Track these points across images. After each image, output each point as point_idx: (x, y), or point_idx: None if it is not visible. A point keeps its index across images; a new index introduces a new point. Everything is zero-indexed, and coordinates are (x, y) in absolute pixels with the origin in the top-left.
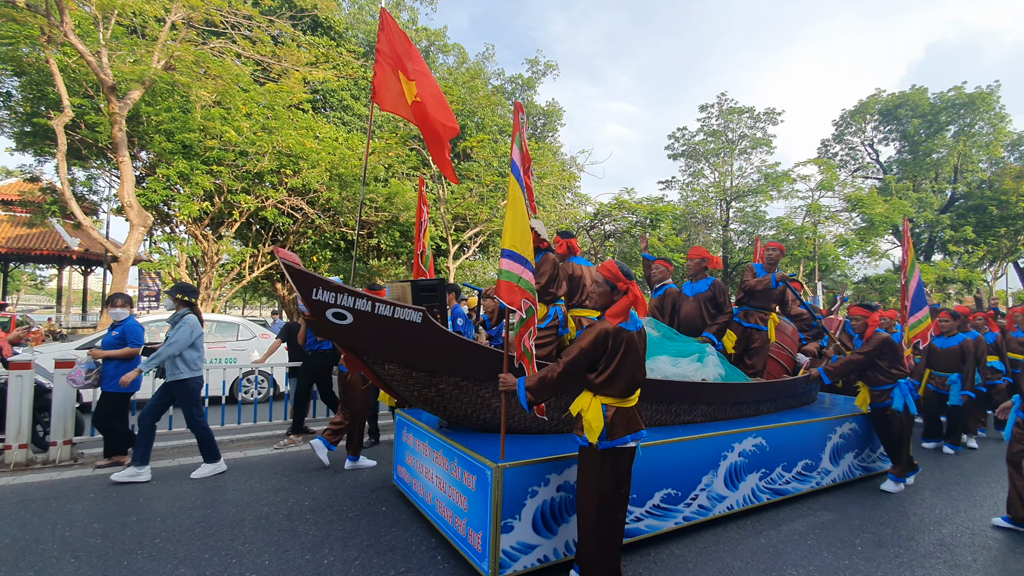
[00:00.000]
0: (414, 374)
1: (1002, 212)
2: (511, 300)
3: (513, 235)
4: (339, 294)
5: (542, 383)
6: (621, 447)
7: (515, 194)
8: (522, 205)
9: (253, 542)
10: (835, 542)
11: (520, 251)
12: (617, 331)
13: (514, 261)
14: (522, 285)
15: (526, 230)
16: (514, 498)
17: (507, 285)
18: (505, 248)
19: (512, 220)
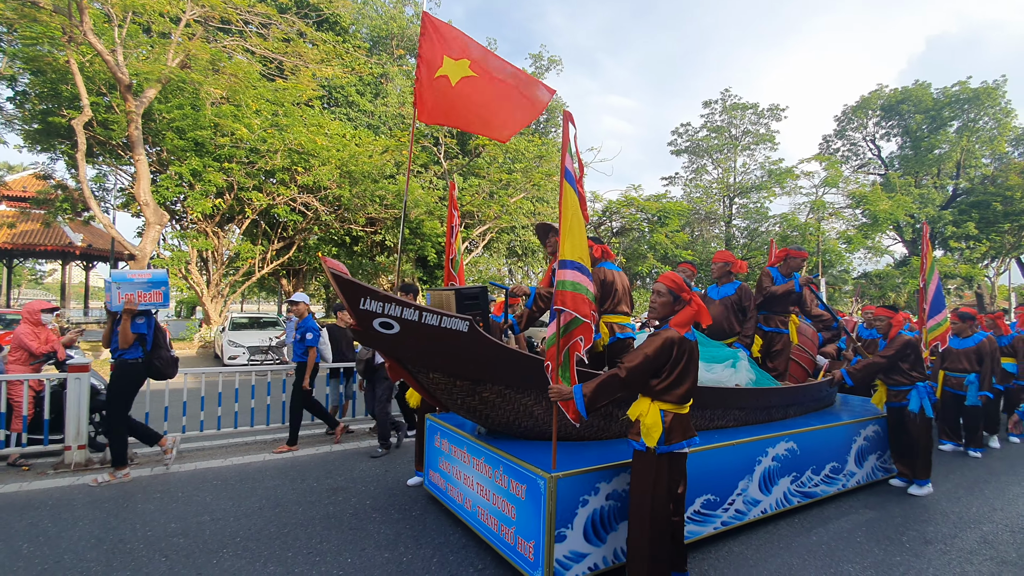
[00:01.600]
0: (458, 383)
1: (1006, 208)
2: (580, 311)
3: (573, 245)
4: (387, 304)
5: (602, 389)
6: (678, 452)
7: (572, 203)
8: (579, 214)
9: (330, 540)
10: (883, 539)
11: (583, 262)
12: (682, 340)
13: (579, 272)
14: (590, 296)
15: (584, 240)
16: (567, 508)
17: (574, 296)
18: (567, 259)
19: (570, 230)
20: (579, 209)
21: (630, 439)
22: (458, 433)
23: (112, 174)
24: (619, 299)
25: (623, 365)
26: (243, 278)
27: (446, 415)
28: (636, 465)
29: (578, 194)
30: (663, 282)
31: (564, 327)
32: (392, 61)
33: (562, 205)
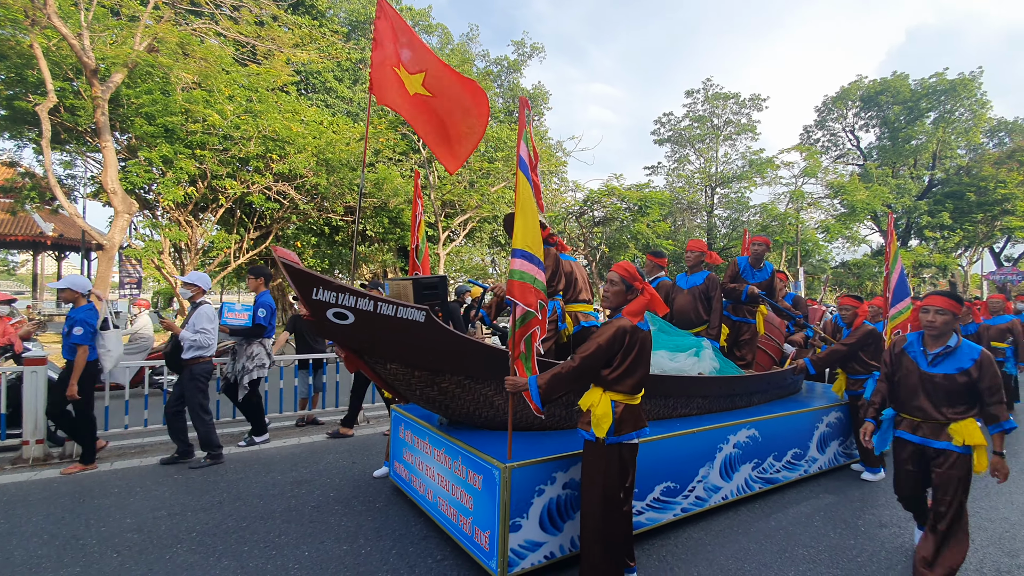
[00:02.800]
0: (417, 373)
1: (979, 198)
2: (526, 300)
3: (525, 235)
4: (341, 294)
5: (555, 380)
6: (627, 442)
7: (525, 193)
8: (533, 204)
9: (288, 534)
10: (839, 523)
11: (533, 251)
12: (635, 329)
13: (528, 261)
14: (537, 286)
15: (537, 229)
16: (522, 497)
17: (521, 285)
18: (517, 248)
19: (523, 219)
20: (532, 198)
21: (580, 429)
22: (421, 424)
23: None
24: (580, 289)
25: (577, 354)
26: (219, 268)
27: (411, 406)
28: (587, 456)
29: (531, 182)
30: (616, 271)
31: (520, 319)
32: (371, 46)
33: (516, 194)
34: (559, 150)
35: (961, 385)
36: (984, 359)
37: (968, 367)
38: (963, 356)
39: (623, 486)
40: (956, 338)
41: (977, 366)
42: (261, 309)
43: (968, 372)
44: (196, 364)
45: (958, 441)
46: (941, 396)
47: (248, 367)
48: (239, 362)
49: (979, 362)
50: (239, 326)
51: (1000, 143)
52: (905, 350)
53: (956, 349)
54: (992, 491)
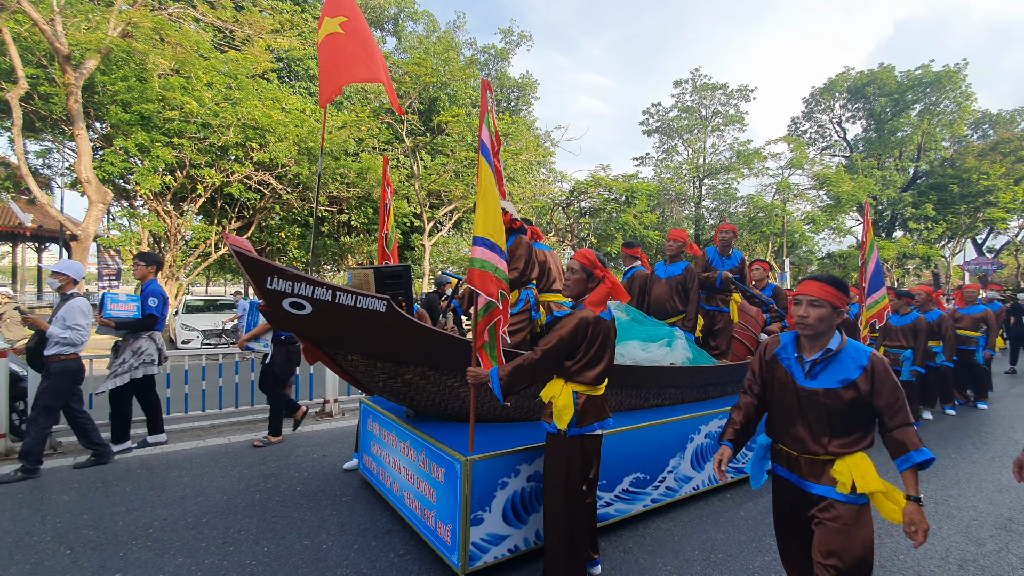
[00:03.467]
0: (379, 364)
1: (963, 190)
2: (486, 290)
3: (486, 222)
4: (297, 283)
5: (517, 372)
6: (590, 434)
7: (486, 179)
8: (494, 190)
9: (249, 529)
10: None
11: (494, 239)
12: (596, 320)
13: (488, 249)
14: (499, 275)
15: (499, 216)
16: (484, 490)
17: (481, 274)
18: (478, 236)
19: (484, 206)
20: (494, 184)
21: (543, 421)
22: (387, 416)
23: (57, 150)
24: (553, 278)
25: (538, 346)
26: (199, 259)
27: (379, 399)
28: (549, 448)
29: (493, 168)
30: (576, 259)
31: (482, 309)
32: None
33: (478, 179)
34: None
35: (848, 404)
36: (877, 365)
37: (855, 378)
38: (848, 363)
39: (586, 478)
40: (839, 338)
41: (867, 376)
42: (151, 298)
43: (856, 385)
44: (57, 361)
45: (844, 485)
46: (822, 420)
47: (132, 363)
48: (120, 357)
49: (869, 370)
50: (127, 318)
51: (984, 135)
52: (777, 356)
53: (839, 353)
54: (961, 478)
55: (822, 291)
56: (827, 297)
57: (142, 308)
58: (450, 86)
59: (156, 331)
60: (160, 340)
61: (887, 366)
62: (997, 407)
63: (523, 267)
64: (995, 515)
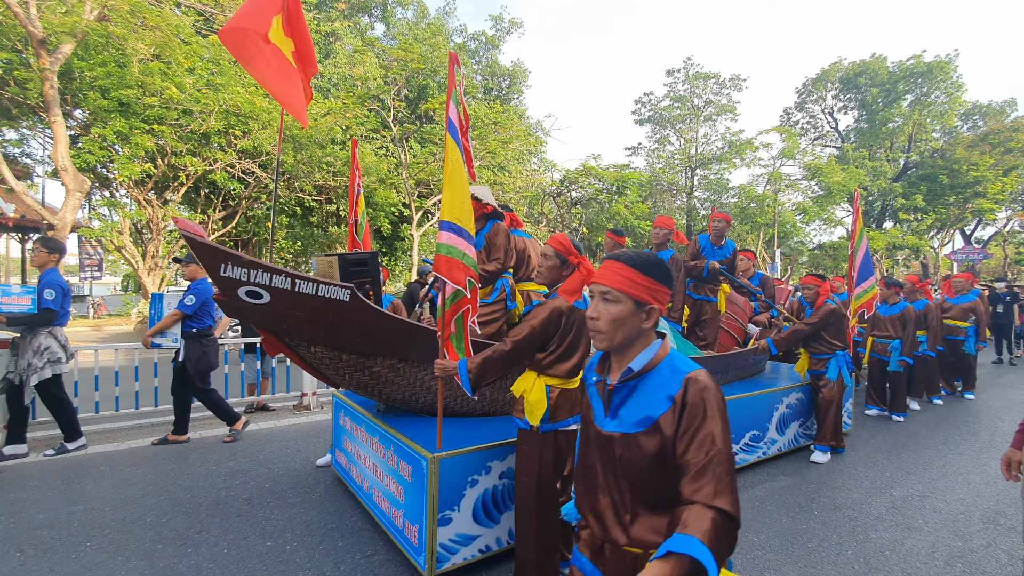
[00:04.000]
0: (344, 357)
1: (952, 181)
2: (453, 277)
3: (453, 205)
4: (253, 270)
5: (486, 364)
6: (564, 430)
7: (454, 159)
8: (462, 172)
9: (210, 529)
10: (793, 507)
11: (462, 224)
12: (571, 310)
13: (455, 235)
14: (466, 262)
15: (467, 200)
16: (452, 489)
17: (448, 261)
18: (445, 220)
19: (452, 189)
20: (462, 165)
21: (514, 416)
22: (358, 411)
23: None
24: (533, 267)
25: (509, 337)
26: (183, 249)
27: (351, 392)
28: (521, 444)
29: (461, 148)
30: (550, 244)
31: (449, 298)
32: (341, 17)
33: (445, 159)
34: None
35: (652, 459)
36: (691, 394)
37: (658, 415)
38: (655, 391)
39: (560, 475)
40: (652, 350)
41: (675, 410)
42: (48, 290)
43: (658, 427)
44: None
45: None
46: (622, 485)
47: (36, 364)
48: (23, 359)
49: (679, 401)
50: (19, 313)
51: (974, 126)
52: (583, 381)
53: (645, 376)
54: (949, 470)
55: (619, 278)
56: (627, 288)
57: (38, 301)
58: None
59: (58, 326)
60: (62, 335)
61: (710, 395)
62: (983, 397)
63: (504, 257)
64: (982, 508)
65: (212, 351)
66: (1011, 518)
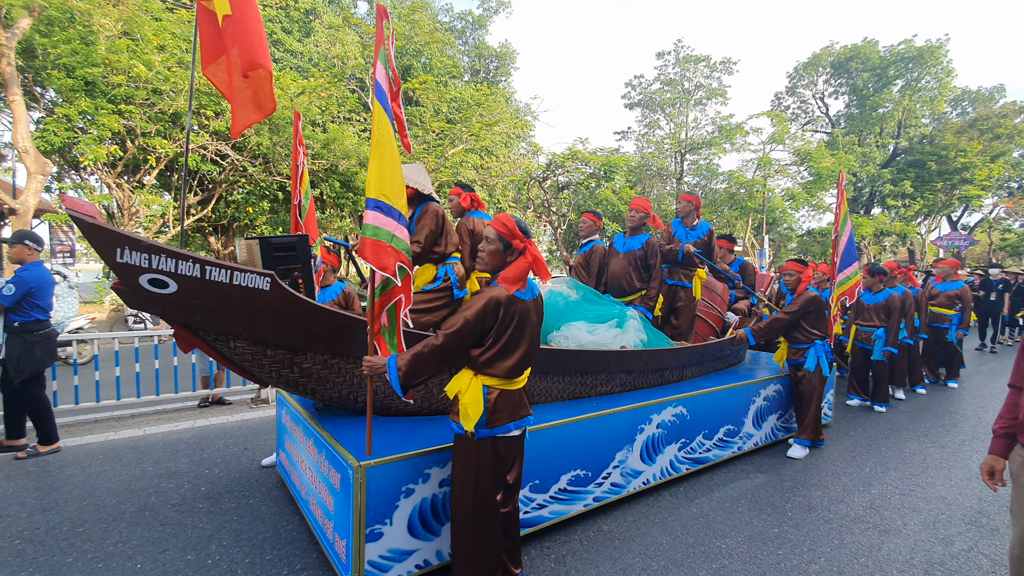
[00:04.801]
0: (269, 352)
1: (940, 167)
2: (380, 263)
3: (381, 181)
4: (155, 255)
5: (417, 361)
6: (503, 436)
7: (382, 127)
8: (392, 142)
9: (129, 540)
10: (766, 507)
11: (391, 201)
12: (511, 301)
13: (383, 214)
14: (395, 245)
15: (398, 174)
16: (383, 500)
17: (374, 244)
18: (371, 197)
19: (380, 162)
20: (392, 134)
21: (450, 420)
22: (296, 409)
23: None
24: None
25: (440, 330)
26: (157, 235)
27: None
28: (456, 451)
29: (390, 114)
30: (492, 226)
31: (379, 286)
32: None
33: (372, 128)
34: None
35: None
36: None
37: None
38: None
39: (501, 485)
40: None
41: None
42: (8, 285)
43: None
44: None
45: None
46: None
47: None
48: None
49: None
50: None
51: (963, 112)
52: None
53: None
54: (930, 464)
55: None
56: None
57: None
58: (424, 54)
59: None
60: None
61: None
62: (967, 385)
63: (425, 239)
64: (964, 508)
65: (42, 348)
66: (993, 518)
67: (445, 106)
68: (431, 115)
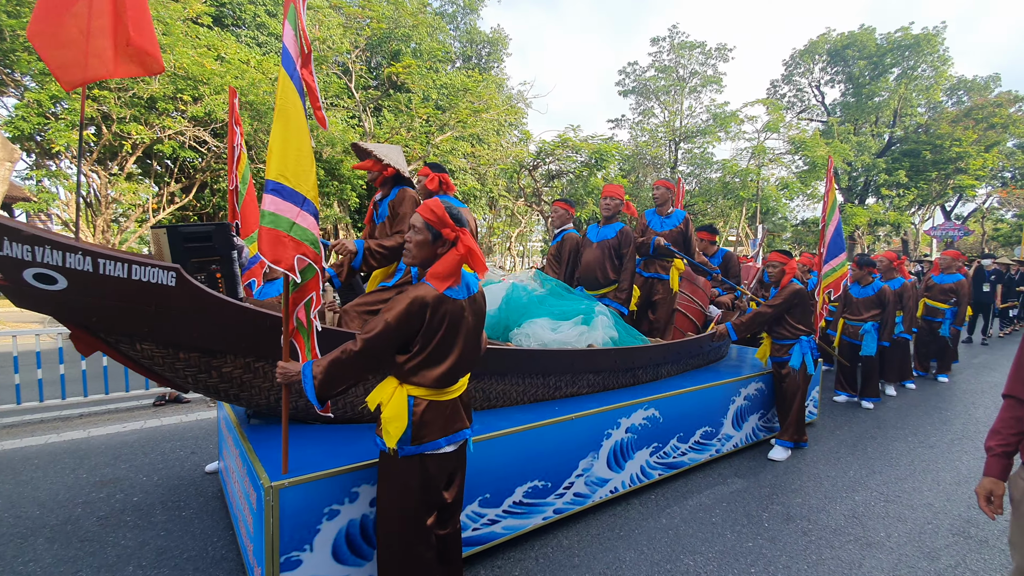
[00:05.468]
0: (182, 355)
1: (935, 156)
2: (274, 256)
3: (283, 159)
4: (39, 247)
5: (333, 369)
6: (433, 453)
7: (286, 96)
8: (298, 115)
9: (42, 559)
10: (741, 517)
11: (293, 184)
12: (439, 301)
13: (283, 199)
14: (296, 234)
15: (304, 152)
16: (301, 524)
17: (272, 235)
18: (270, 179)
19: (283, 138)
20: (297, 105)
21: (375, 434)
22: (229, 416)
23: None
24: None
25: (360, 334)
26: (137, 224)
27: None
28: (380, 469)
29: (298, 83)
30: (419, 213)
31: (292, 282)
32: None
33: (276, 99)
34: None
35: None
36: None
37: None
38: None
39: (433, 507)
40: None
41: None
42: None
43: None
44: None
45: None
46: None
47: None
48: None
49: None
50: None
51: (959, 101)
52: None
53: None
54: (917, 467)
55: None
56: None
57: None
58: (413, 39)
59: None
60: None
61: None
62: (958, 379)
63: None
64: (952, 516)
65: None
66: (983, 528)
67: (435, 92)
68: (418, 101)
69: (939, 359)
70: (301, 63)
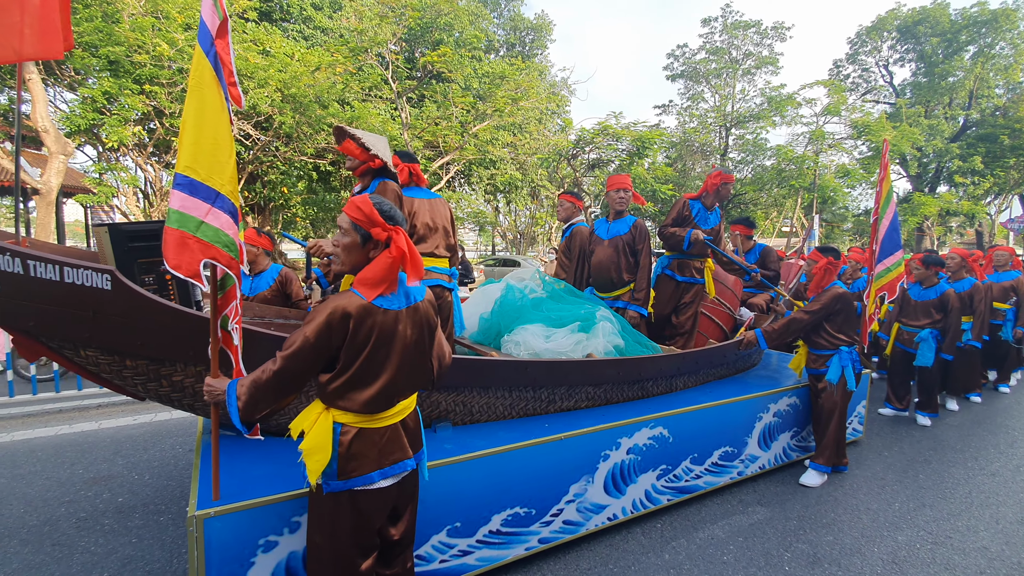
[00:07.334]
0: (128, 363)
1: (1014, 141)
2: (176, 261)
3: (194, 149)
4: None
5: (255, 390)
6: (365, 489)
7: (201, 77)
8: (215, 96)
9: (9, 563)
10: (758, 557)
11: (203, 177)
12: (365, 312)
13: (191, 195)
14: (204, 235)
15: (220, 139)
16: (231, 557)
17: (177, 237)
18: (179, 172)
19: (196, 123)
20: (215, 88)
21: None
22: (199, 424)
23: None
24: (422, 237)
25: (280, 352)
26: None
27: None
28: (309, 505)
29: (215, 63)
30: (346, 212)
31: (221, 283)
32: None
33: (190, 79)
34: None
35: None
36: None
37: None
38: None
39: (368, 550)
40: None
41: None
42: None
43: None
44: None
45: None
46: None
47: None
48: None
49: None
50: None
51: None
52: None
53: None
54: (975, 500)
55: None
56: None
57: None
58: (456, 27)
59: None
60: None
61: None
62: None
63: None
64: (1010, 564)
65: None
66: None
67: (476, 81)
68: (457, 91)
69: (999, 367)
70: (217, 35)
